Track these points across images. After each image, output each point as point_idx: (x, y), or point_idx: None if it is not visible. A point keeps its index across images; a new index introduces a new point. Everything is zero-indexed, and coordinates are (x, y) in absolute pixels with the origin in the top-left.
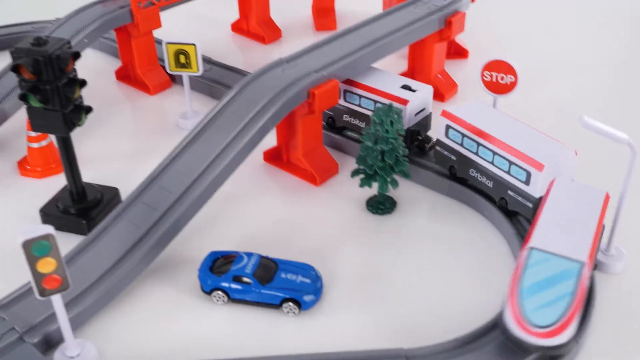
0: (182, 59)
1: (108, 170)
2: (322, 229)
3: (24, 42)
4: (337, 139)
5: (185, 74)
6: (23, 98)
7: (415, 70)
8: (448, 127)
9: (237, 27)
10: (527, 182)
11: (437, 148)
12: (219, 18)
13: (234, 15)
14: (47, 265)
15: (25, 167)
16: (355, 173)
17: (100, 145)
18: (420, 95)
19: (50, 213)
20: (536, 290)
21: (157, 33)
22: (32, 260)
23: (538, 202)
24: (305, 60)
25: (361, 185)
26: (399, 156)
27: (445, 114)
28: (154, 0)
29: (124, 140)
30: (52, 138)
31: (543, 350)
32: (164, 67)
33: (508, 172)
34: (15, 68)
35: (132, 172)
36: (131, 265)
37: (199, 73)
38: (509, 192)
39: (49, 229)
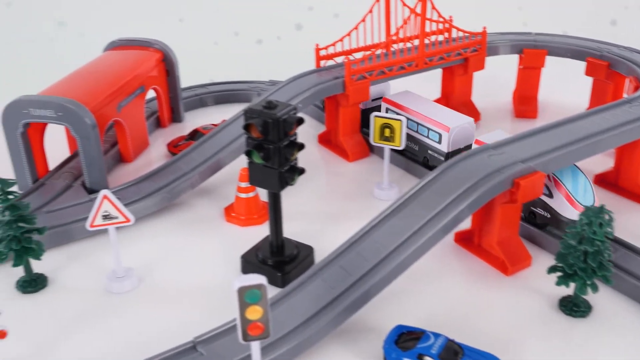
0: (386, 132)
1: (303, 228)
2: (508, 319)
3: (257, 104)
4: (533, 231)
5: (387, 147)
6: (248, 154)
7: (622, 171)
8: (387, 109)
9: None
10: (439, 142)
11: None
12: (423, 94)
13: (436, 93)
14: (254, 313)
15: (230, 213)
16: (552, 270)
17: (297, 203)
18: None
19: (250, 261)
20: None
21: None
22: (243, 306)
23: (447, 157)
24: (512, 149)
25: (558, 284)
26: (604, 260)
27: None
28: (366, 74)
29: (319, 201)
30: (258, 191)
31: None
32: (364, 137)
33: (427, 136)
34: (246, 127)
35: (325, 233)
36: (321, 324)
37: (401, 147)
38: (429, 151)
39: (262, 280)
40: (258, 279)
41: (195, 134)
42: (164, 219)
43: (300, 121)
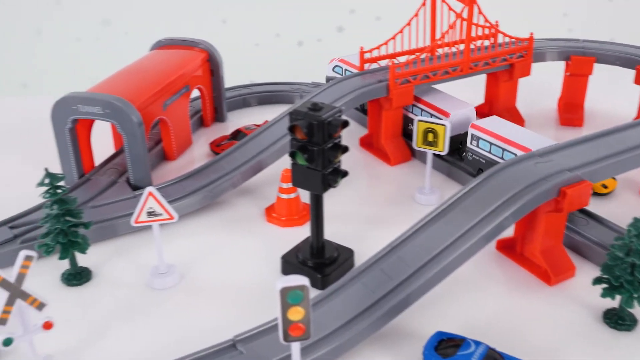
0: (430, 136)
1: (343, 231)
2: (550, 330)
3: (302, 106)
4: (578, 241)
5: (430, 152)
6: (292, 155)
7: None
8: None
9: (480, 111)
10: None
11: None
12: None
13: (479, 99)
14: (296, 314)
15: (271, 214)
16: (597, 281)
17: (338, 205)
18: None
19: (290, 261)
20: None
21: None
22: (285, 307)
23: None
24: (559, 157)
25: (603, 296)
26: None
27: None
28: (410, 78)
29: (359, 204)
30: (300, 192)
31: None
32: (406, 141)
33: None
34: (291, 128)
35: (365, 236)
36: (360, 327)
37: (444, 153)
38: None
39: (304, 281)
40: (301, 280)
41: (237, 134)
42: (206, 217)
43: (345, 124)
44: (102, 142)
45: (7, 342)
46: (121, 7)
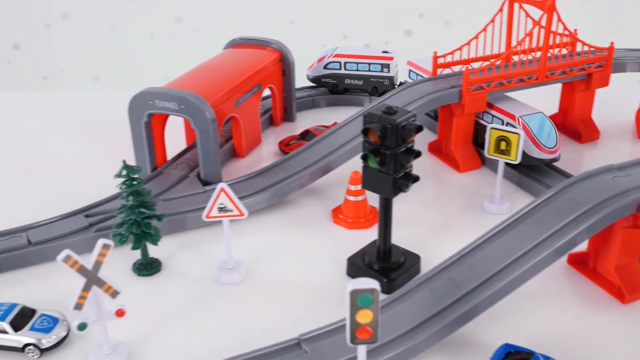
0: (502, 145)
1: (409, 236)
2: (621, 349)
3: (377, 109)
4: None
5: (501, 160)
6: (364, 158)
7: None
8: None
9: (552, 121)
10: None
11: None
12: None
13: (552, 108)
14: (365, 317)
15: (338, 215)
16: None
17: (404, 210)
18: None
19: (356, 264)
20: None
21: None
22: (354, 309)
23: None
24: (639, 172)
25: None
26: None
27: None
28: (484, 85)
29: (426, 210)
30: (367, 195)
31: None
32: (476, 148)
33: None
34: (365, 131)
35: (432, 242)
36: (427, 334)
37: (517, 162)
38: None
39: (375, 284)
40: (371, 283)
41: (306, 134)
42: (273, 216)
43: (419, 129)
44: (174, 137)
45: (82, 326)
46: (194, 6)
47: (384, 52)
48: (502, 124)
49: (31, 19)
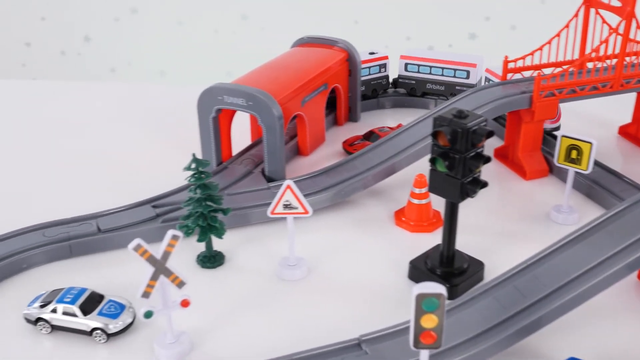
0: (573, 154)
1: (471, 242)
2: None
3: (447, 112)
4: None
5: (572, 169)
6: (432, 161)
7: None
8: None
9: (625, 131)
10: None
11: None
12: (608, 118)
13: (625, 118)
14: (429, 322)
15: (400, 217)
16: None
17: (468, 216)
18: None
19: (418, 267)
20: None
21: None
22: (419, 313)
23: None
24: None
25: None
26: None
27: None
28: (556, 91)
29: (491, 217)
30: (431, 199)
31: None
32: (545, 156)
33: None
34: (434, 134)
35: (495, 250)
36: (489, 343)
37: (588, 172)
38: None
39: (442, 289)
40: (438, 288)
41: (370, 135)
42: (334, 215)
43: (490, 134)
44: (239, 132)
45: (148, 314)
46: (260, 4)
47: (371, 53)
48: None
49: (102, 12)
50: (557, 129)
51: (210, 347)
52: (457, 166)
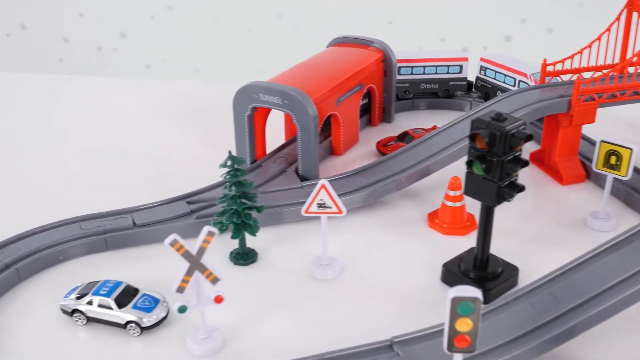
0: (612, 159)
1: (505, 246)
2: None
3: (486, 115)
4: None
5: (610, 175)
6: (469, 164)
7: None
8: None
9: None
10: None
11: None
12: None
13: None
14: (464, 325)
15: (434, 220)
16: None
17: (503, 220)
18: None
19: (452, 270)
20: None
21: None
22: (454, 317)
23: None
24: None
25: None
26: None
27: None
28: (595, 96)
29: (525, 221)
30: (466, 202)
31: None
32: (582, 161)
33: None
34: (472, 136)
35: (529, 255)
36: (523, 349)
37: (627, 178)
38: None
39: (478, 293)
40: (474, 292)
41: (405, 136)
42: (367, 216)
43: (529, 137)
44: (273, 131)
45: (182, 309)
46: (295, 3)
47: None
48: (515, 83)
49: (138, 9)
50: None
51: (241, 344)
52: (495, 169)
